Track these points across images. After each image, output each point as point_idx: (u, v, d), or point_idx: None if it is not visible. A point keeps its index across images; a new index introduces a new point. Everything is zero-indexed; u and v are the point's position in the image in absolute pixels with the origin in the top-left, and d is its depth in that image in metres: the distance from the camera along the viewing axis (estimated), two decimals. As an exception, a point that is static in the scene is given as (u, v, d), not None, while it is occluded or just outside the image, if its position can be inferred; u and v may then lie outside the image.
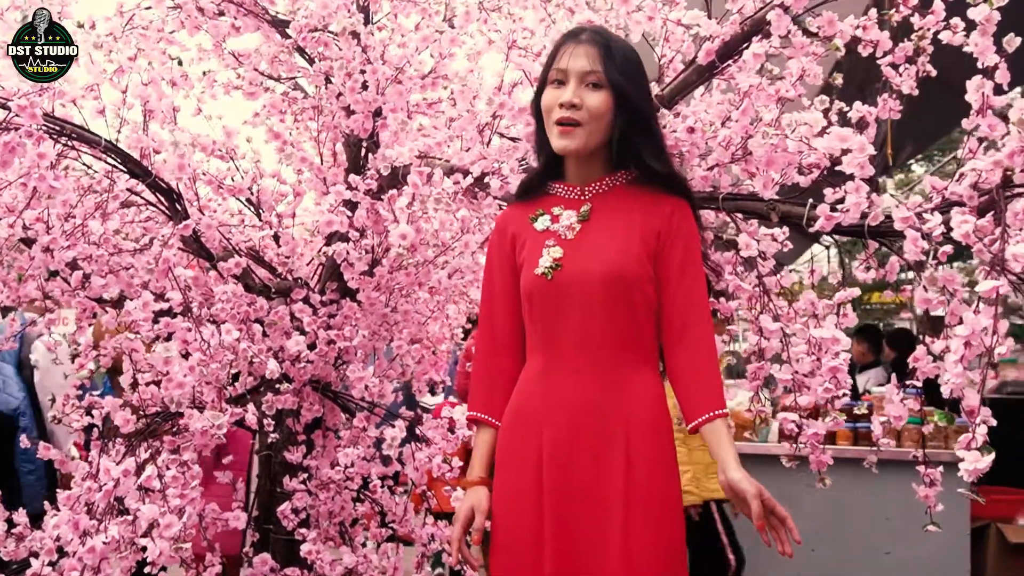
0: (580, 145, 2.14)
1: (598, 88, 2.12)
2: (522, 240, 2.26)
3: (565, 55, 2.15)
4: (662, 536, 2.06)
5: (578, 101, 2.11)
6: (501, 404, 2.24)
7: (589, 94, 2.12)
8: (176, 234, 2.59)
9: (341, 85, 2.94)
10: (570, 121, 2.12)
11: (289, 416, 3.14)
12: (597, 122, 2.13)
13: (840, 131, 1.99)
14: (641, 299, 2.12)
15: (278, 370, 2.66)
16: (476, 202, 2.87)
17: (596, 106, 2.11)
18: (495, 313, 2.30)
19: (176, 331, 2.56)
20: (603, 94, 2.12)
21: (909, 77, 2.37)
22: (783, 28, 2.31)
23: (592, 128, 2.13)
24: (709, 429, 2.03)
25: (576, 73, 2.13)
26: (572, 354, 2.14)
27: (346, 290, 3.17)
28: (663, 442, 2.12)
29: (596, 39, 2.16)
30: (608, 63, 2.12)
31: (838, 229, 2.22)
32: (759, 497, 1.90)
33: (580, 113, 2.12)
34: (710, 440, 2.04)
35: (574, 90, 2.12)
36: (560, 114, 2.13)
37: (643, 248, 2.13)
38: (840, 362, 2.10)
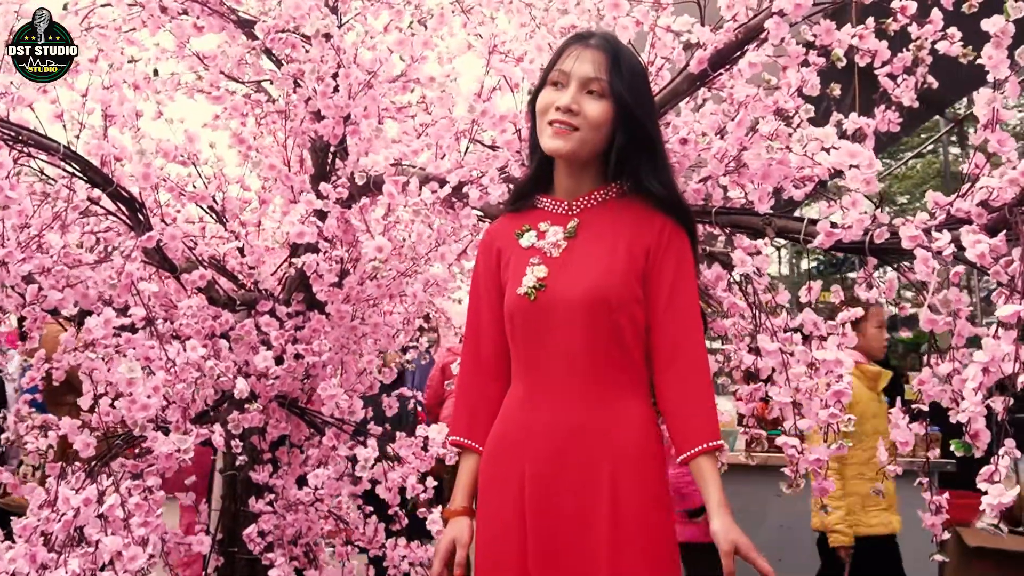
0: (572, 150, 2.02)
1: (599, 97, 2.01)
2: (507, 257, 2.15)
3: (570, 57, 2.03)
4: (653, 573, 1.95)
5: (576, 107, 2.00)
6: (485, 429, 2.12)
7: (589, 102, 2.01)
8: (140, 246, 2.45)
9: (311, 89, 2.81)
10: (566, 125, 2.00)
11: (254, 434, 3.01)
12: (594, 132, 2.01)
13: (850, 146, 1.91)
14: (628, 322, 2.00)
15: (247, 390, 2.53)
16: (453, 212, 2.76)
17: (595, 115, 2.00)
18: (481, 333, 2.19)
19: (139, 348, 2.41)
20: (604, 104, 2.00)
21: (908, 89, 2.30)
22: (781, 36, 2.23)
23: (587, 137, 2.01)
24: (696, 465, 1.92)
25: (579, 78, 2.01)
26: (555, 380, 2.02)
27: (313, 301, 3.04)
28: (653, 473, 1.99)
29: (605, 46, 2.04)
30: (614, 73, 2.00)
31: (838, 246, 2.13)
32: (731, 555, 1.80)
33: (577, 119, 2.00)
34: (696, 475, 1.93)
35: (573, 95, 2.00)
36: (554, 116, 2.01)
37: (631, 266, 2.01)
38: (844, 385, 2.02)
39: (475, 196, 2.60)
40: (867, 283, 2.17)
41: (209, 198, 2.97)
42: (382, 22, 3.14)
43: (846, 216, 2.21)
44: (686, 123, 2.40)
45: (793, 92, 2.20)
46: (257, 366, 2.76)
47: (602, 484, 1.95)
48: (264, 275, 2.96)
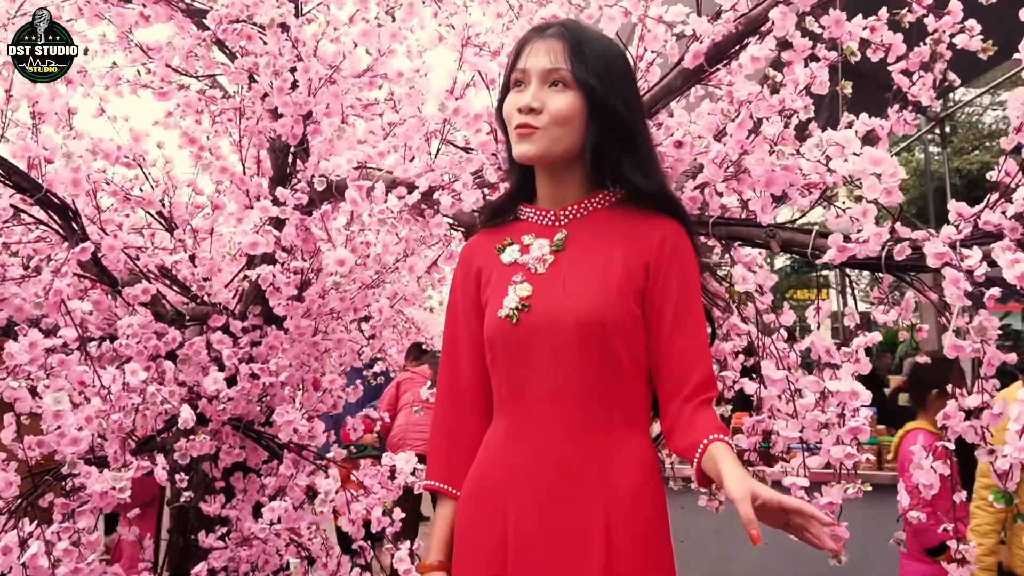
0: (540, 151, 1.77)
1: (563, 88, 1.77)
2: (487, 275, 1.89)
3: (525, 53, 1.80)
4: None
5: (538, 105, 1.76)
6: (464, 471, 1.86)
7: (552, 95, 1.77)
8: (71, 259, 2.19)
9: (268, 85, 2.56)
10: (529, 128, 1.76)
11: (206, 460, 2.75)
12: (560, 127, 1.76)
13: (873, 152, 1.68)
14: (625, 347, 1.74)
15: (192, 418, 2.28)
16: (423, 220, 2.52)
17: (558, 108, 1.75)
18: (459, 362, 1.92)
19: (71, 372, 2.15)
20: (568, 95, 1.76)
21: (925, 87, 2.08)
22: (788, 28, 2.01)
23: (555, 134, 1.76)
24: (708, 454, 1.61)
25: (537, 72, 1.77)
26: (542, 414, 1.75)
27: (271, 315, 2.80)
28: (653, 521, 1.73)
29: (562, 33, 1.80)
30: (575, 59, 1.76)
31: (851, 262, 1.91)
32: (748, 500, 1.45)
33: (540, 119, 1.76)
34: (709, 466, 1.61)
35: (534, 93, 1.76)
36: (519, 120, 1.77)
37: (628, 284, 1.76)
38: (862, 421, 1.79)
39: (447, 203, 2.37)
40: (883, 303, 1.95)
41: (157, 203, 2.71)
42: (347, 13, 2.90)
43: (854, 226, 1.99)
44: (680, 124, 2.17)
45: (801, 90, 1.97)
46: (207, 389, 2.51)
47: (594, 533, 1.69)
48: (217, 287, 2.70)
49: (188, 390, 2.68)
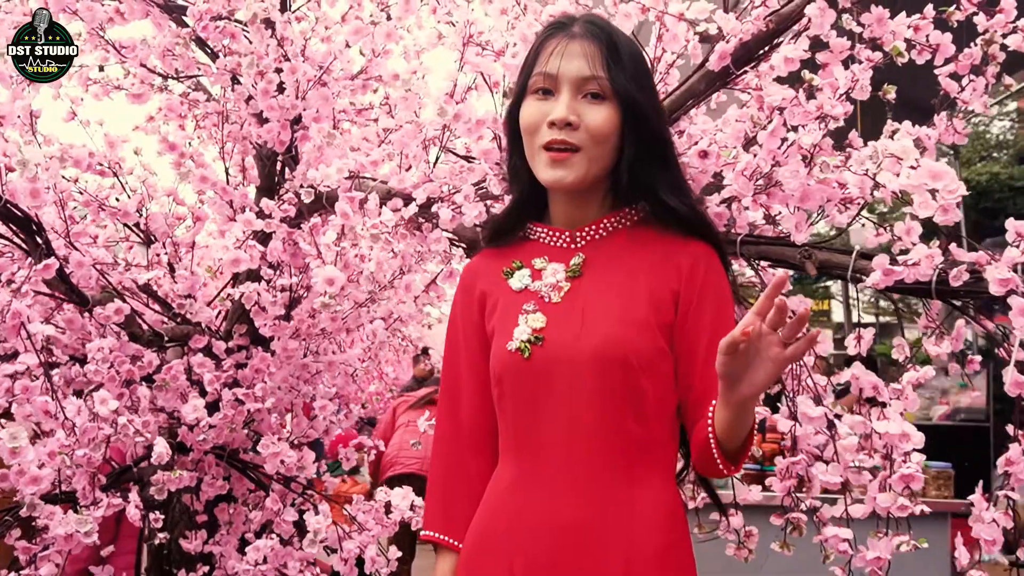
0: (579, 177, 1.56)
1: (600, 100, 1.56)
2: (494, 302, 1.68)
3: (554, 54, 1.57)
4: None
5: (575, 119, 1.54)
6: (465, 519, 1.65)
7: (589, 108, 1.55)
8: (34, 277, 1.99)
9: (252, 86, 2.36)
10: (565, 146, 1.55)
11: (186, 492, 2.55)
12: (600, 146, 1.56)
13: (933, 165, 1.48)
14: (650, 386, 1.54)
15: (167, 453, 2.07)
16: (421, 234, 2.32)
17: (599, 125, 1.55)
18: (460, 397, 1.71)
19: (33, 403, 1.95)
20: (607, 109, 1.55)
21: (976, 92, 1.88)
22: (825, 27, 1.81)
23: (594, 155, 1.56)
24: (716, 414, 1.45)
25: (571, 80, 1.56)
26: (555, 460, 1.55)
27: (257, 335, 2.59)
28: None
29: (595, 32, 1.59)
30: (614, 66, 1.55)
31: (898, 286, 1.72)
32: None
33: (577, 134, 1.55)
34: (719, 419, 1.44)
35: (568, 103, 1.55)
36: (550, 136, 1.55)
37: (655, 315, 1.56)
38: (915, 468, 1.59)
39: (446, 217, 2.17)
40: (933, 333, 1.75)
41: (133, 214, 2.51)
42: (339, 10, 2.69)
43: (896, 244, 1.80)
44: (705, 132, 1.97)
45: (841, 95, 1.77)
46: (187, 417, 2.31)
47: None
48: (199, 306, 2.50)
49: (167, 416, 2.48)
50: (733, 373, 1.34)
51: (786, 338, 1.30)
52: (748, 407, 1.41)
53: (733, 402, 1.38)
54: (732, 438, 1.44)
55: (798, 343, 1.29)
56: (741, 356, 1.32)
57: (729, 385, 1.36)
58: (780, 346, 1.30)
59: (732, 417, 1.41)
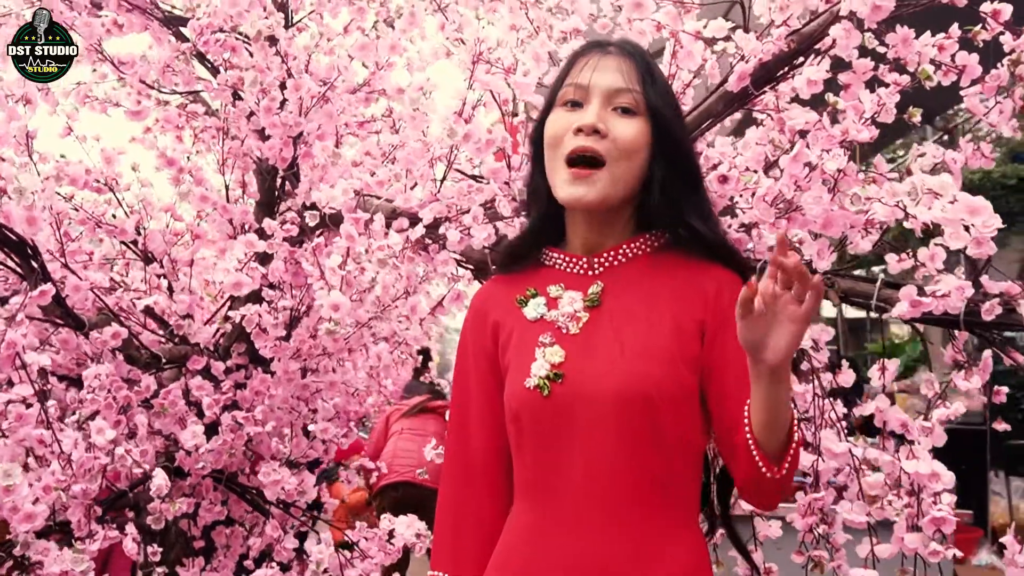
0: (601, 196, 1.50)
1: (631, 115, 1.50)
2: (507, 332, 1.61)
3: (586, 67, 1.52)
4: None
5: (603, 127, 1.48)
6: (475, 559, 1.57)
7: (618, 121, 1.49)
8: (29, 304, 1.92)
9: (254, 103, 2.29)
10: (590, 156, 1.48)
11: (184, 517, 2.48)
12: (627, 162, 1.49)
13: (970, 200, 1.42)
14: (676, 425, 1.46)
15: (167, 485, 2.01)
16: (426, 254, 2.26)
17: (628, 138, 1.48)
18: (470, 430, 1.63)
19: (27, 434, 1.88)
20: (637, 123, 1.50)
21: (1004, 115, 1.83)
22: (850, 48, 1.75)
23: (619, 171, 1.49)
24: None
25: (603, 90, 1.50)
26: (575, 505, 1.47)
27: (257, 354, 2.52)
28: None
29: (630, 50, 1.54)
30: (648, 81, 1.50)
31: (925, 318, 1.66)
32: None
33: (604, 144, 1.48)
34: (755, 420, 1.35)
35: (598, 112, 1.49)
36: (576, 143, 1.49)
37: (679, 349, 1.48)
38: (946, 511, 1.53)
39: (454, 238, 2.11)
40: (961, 366, 1.69)
41: (131, 232, 2.44)
42: (341, 22, 2.62)
43: (919, 272, 1.74)
44: (723, 155, 1.91)
45: (867, 120, 1.71)
46: (185, 443, 2.25)
47: None
48: (197, 327, 2.43)
49: (165, 439, 2.42)
50: (755, 339, 1.27)
51: (798, 295, 1.24)
52: (780, 386, 1.30)
53: (763, 375, 1.30)
54: (771, 435, 1.34)
55: (809, 296, 1.24)
56: (760, 320, 1.26)
57: (754, 357, 1.29)
58: (796, 304, 1.24)
59: (765, 399, 1.32)
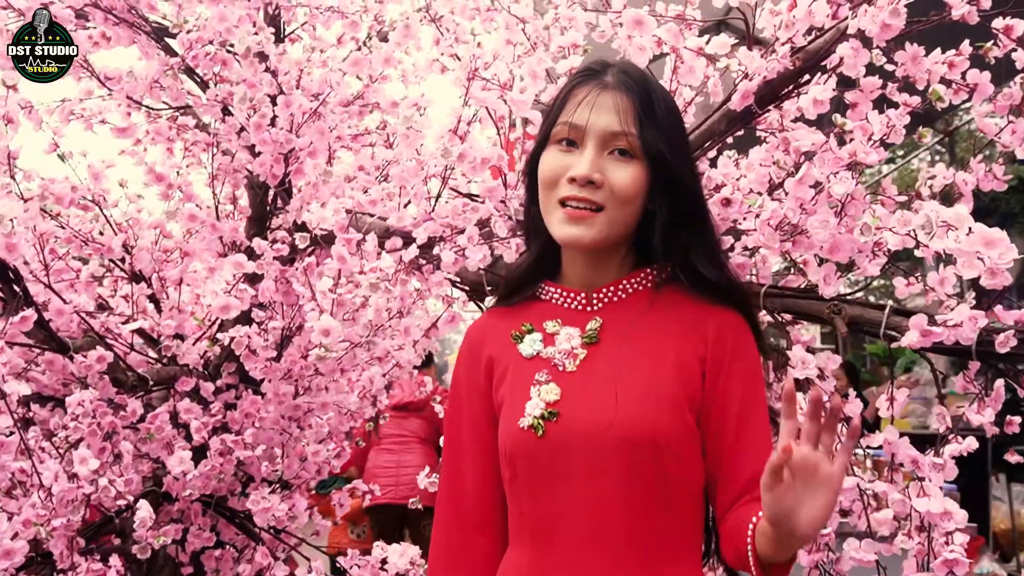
0: (596, 238, 1.45)
1: (628, 158, 1.44)
2: (502, 368, 1.55)
3: (583, 104, 1.46)
4: None
5: (598, 177, 1.43)
6: None
7: (615, 166, 1.44)
8: (10, 330, 1.86)
9: (244, 119, 2.23)
10: (585, 204, 1.44)
11: (171, 543, 2.41)
12: (624, 208, 1.45)
13: (987, 232, 1.36)
14: (679, 469, 1.41)
15: (151, 517, 1.95)
16: (420, 274, 2.20)
17: (625, 185, 1.43)
18: (462, 471, 1.58)
19: (6, 465, 1.82)
20: (633, 168, 1.44)
21: (1016, 135, 1.77)
22: (859, 66, 1.69)
23: (616, 215, 1.45)
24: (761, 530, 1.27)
25: (597, 133, 1.44)
26: (575, 552, 1.41)
27: (247, 375, 2.46)
28: None
29: (628, 84, 1.47)
30: (647, 122, 1.44)
31: (936, 347, 1.60)
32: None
33: (600, 194, 1.43)
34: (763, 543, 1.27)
35: (592, 160, 1.43)
36: (568, 191, 1.44)
37: (682, 389, 1.43)
38: (959, 552, 1.47)
39: (448, 259, 2.05)
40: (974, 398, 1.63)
41: (119, 250, 2.38)
42: (334, 33, 2.56)
43: (928, 296, 1.69)
44: (726, 176, 1.85)
45: (875, 142, 1.65)
46: (173, 469, 2.18)
47: None
48: (186, 347, 2.37)
49: (152, 461, 2.36)
50: (784, 511, 1.17)
51: (827, 445, 1.16)
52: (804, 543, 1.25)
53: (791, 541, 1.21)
54: (775, 556, 1.28)
55: (841, 448, 1.17)
56: (788, 489, 1.16)
57: (784, 528, 1.18)
58: (828, 463, 1.15)
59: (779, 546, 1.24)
